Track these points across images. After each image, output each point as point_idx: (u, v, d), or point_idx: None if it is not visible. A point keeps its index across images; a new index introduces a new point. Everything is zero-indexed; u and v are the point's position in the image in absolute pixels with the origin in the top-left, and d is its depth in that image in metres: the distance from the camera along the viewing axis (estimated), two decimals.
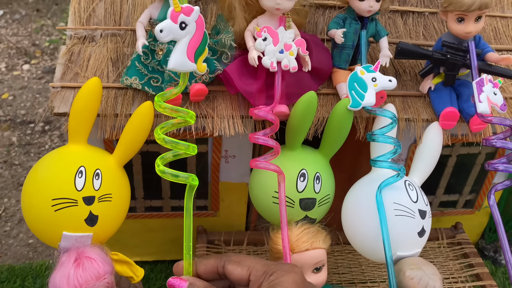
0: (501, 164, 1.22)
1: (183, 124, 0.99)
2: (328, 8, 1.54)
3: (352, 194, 1.29)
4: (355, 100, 1.22)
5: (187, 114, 0.98)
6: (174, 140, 0.97)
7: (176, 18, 0.85)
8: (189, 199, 1.02)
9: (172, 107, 0.98)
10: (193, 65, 0.90)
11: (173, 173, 0.95)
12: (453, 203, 1.83)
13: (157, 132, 0.96)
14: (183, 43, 0.87)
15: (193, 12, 0.86)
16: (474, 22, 1.28)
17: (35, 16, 3.50)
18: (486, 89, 1.22)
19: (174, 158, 1.00)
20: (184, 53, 0.88)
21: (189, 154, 1.01)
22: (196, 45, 0.88)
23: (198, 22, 0.88)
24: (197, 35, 0.88)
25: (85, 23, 1.42)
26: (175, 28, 0.85)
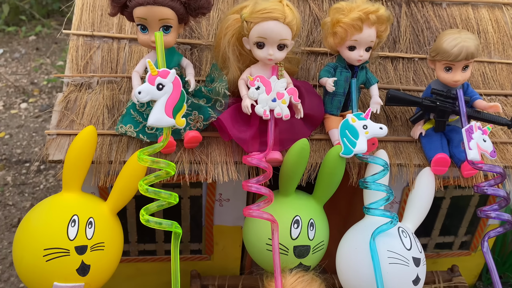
0: (493, 211, 1.23)
1: (165, 176, 1.07)
2: (320, 54, 1.58)
3: (346, 241, 1.29)
4: (347, 147, 1.24)
5: (168, 165, 1.06)
6: (157, 190, 1.06)
7: (153, 81, 0.97)
8: (175, 246, 1.08)
9: (153, 159, 1.05)
10: (172, 120, 0.99)
11: (157, 221, 1.05)
12: (448, 244, 1.82)
13: (140, 184, 1.04)
14: (161, 102, 0.98)
15: (169, 75, 0.98)
16: (461, 71, 1.31)
17: (35, 55, 3.57)
18: (475, 136, 1.24)
19: (158, 208, 1.09)
20: (162, 110, 0.98)
21: (172, 203, 1.09)
22: (174, 102, 0.98)
23: (174, 83, 0.99)
24: (174, 94, 0.99)
25: (82, 70, 1.45)
26: (152, 89, 0.96)
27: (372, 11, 1.26)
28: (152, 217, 1.06)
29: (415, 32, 1.66)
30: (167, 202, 1.08)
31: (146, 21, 1.20)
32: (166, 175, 1.07)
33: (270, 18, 1.20)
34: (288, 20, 1.21)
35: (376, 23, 1.28)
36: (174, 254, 1.09)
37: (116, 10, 1.21)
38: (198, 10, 1.22)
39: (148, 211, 1.06)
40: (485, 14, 1.74)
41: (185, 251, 1.67)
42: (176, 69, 1.30)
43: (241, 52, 1.32)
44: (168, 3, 1.17)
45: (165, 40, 1.23)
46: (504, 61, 1.67)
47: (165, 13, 1.18)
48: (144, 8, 1.17)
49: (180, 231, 1.08)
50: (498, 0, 1.76)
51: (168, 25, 1.21)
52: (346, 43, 1.30)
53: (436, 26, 1.67)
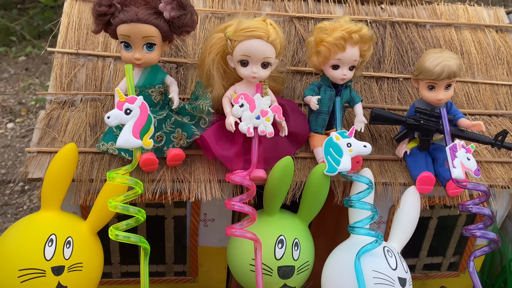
0: (478, 230, 1.22)
1: (133, 196, 1.11)
2: (305, 74, 1.59)
3: (331, 261, 1.27)
4: (331, 166, 1.23)
5: (136, 183, 1.11)
6: (125, 206, 1.10)
7: (121, 107, 1.05)
8: (144, 263, 1.14)
9: (123, 177, 1.08)
10: (139, 141, 1.07)
11: (126, 235, 1.10)
12: (437, 265, 1.80)
13: (109, 202, 1.09)
14: (128, 125, 1.06)
15: (136, 100, 1.07)
16: (444, 89, 1.32)
17: (24, 75, 3.56)
18: (459, 154, 1.24)
19: (127, 227, 1.12)
20: (129, 133, 1.06)
21: (140, 220, 1.12)
22: (141, 125, 1.07)
23: (141, 108, 1.07)
24: (141, 117, 1.07)
25: (66, 88, 1.44)
26: (120, 114, 1.05)
27: (355, 30, 1.27)
28: (121, 232, 1.10)
29: (400, 52, 1.68)
30: (135, 220, 1.12)
31: (129, 38, 1.20)
32: (134, 195, 1.11)
33: (253, 36, 1.21)
34: (271, 38, 1.22)
35: (359, 42, 1.29)
36: (143, 271, 1.13)
37: (100, 27, 1.21)
38: (182, 28, 1.23)
39: (117, 228, 1.11)
40: (468, 36, 1.77)
41: (169, 272, 1.63)
42: (160, 87, 1.30)
43: (226, 70, 1.32)
44: (152, 21, 1.18)
45: (148, 57, 1.23)
46: (488, 82, 1.69)
47: (149, 30, 1.19)
48: (127, 26, 1.17)
49: (148, 247, 1.13)
50: (480, 23, 1.80)
51: (151, 42, 1.21)
52: (330, 62, 1.31)
53: (420, 47, 1.70)
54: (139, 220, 1.11)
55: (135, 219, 1.11)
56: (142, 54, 1.22)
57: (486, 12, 1.84)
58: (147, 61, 1.23)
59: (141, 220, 1.11)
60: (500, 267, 1.82)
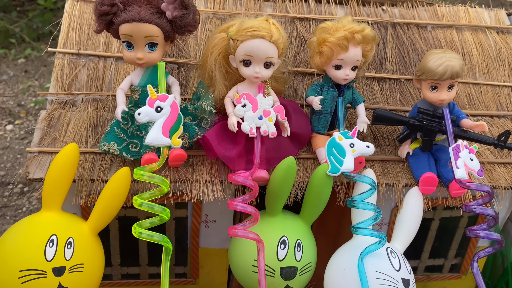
0: (482, 230, 1.21)
1: (159, 195, 1.11)
2: (307, 75, 1.58)
3: (333, 262, 1.26)
4: (334, 166, 1.22)
5: (162, 181, 1.09)
6: (151, 203, 1.10)
7: (153, 104, 1.06)
8: (166, 262, 1.14)
9: (150, 175, 1.07)
10: (168, 140, 1.07)
11: (149, 233, 1.09)
12: (439, 267, 1.79)
13: (135, 199, 1.08)
14: (159, 123, 1.06)
15: (167, 99, 1.08)
16: (447, 90, 1.32)
17: (23, 77, 3.55)
18: (462, 155, 1.24)
19: (151, 225, 1.12)
20: (159, 131, 1.06)
21: (164, 219, 1.11)
22: (171, 124, 1.07)
23: (172, 106, 1.08)
24: (172, 116, 1.07)
25: (67, 88, 1.44)
26: (151, 111, 1.06)
27: (357, 30, 1.27)
28: (145, 230, 1.10)
29: (401, 53, 1.68)
30: (159, 219, 1.11)
31: (131, 38, 1.19)
32: (160, 193, 1.12)
33: (256, 36, 1.20)
34: (274, 38, 1.22)
35: (362, 42, 1.29)
36: (164, 270, 1.13)
37: (102, 27, 1.21)
38: (185, 28, 1.22)
39: (140, 226, 1.10)
40: (469, 37, 1.77)
41: (170, 274, 1.60)
42: None
43: (228, 70, 1.32)
44: (154, 21, 1.17)
45: (150, 57, 1.23)
46: (489, 83, 1.69)
47: (151, 30, 1.18)
48: (130, 25, 1.17)
49: (171, 247, 1.13)
50: (481, 24, 1.80)
51: (154, 42, 1.21)
52: (332, 62, 1.31)
53: (422, 48, 1.70)
54: (163, 219, 1.11)
55: (159, 217, 1.11)
56: (144, 54, 1.21)
57: (487, 14, 1.84)
58: (149, 61, 1.23)
59: (165, 219, 1.11)
60: (501, 269, 1.81)
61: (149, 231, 1.10)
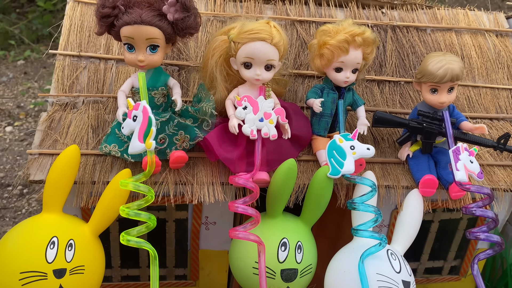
0: (482, 233, 1.22)
1: (145, 204, 1.12)
2: (307, 77, 1.59)
3: (334, 264, 1.26)
4: (335, 168, 1.23)
5: (148, 190, 1.12)
6: (137, 211, 1.11)
7: (131, 115, 1.08)
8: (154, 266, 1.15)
9: (135, 184, 1.10)
10: (142, 145, 1.07)
11: (138, 240, 1.10)
12: (438, 269, 1.79)
13: (122, 209, 1.10)
14: (136, 132, 1.08)
15: (139, 105, 1.08)
16: (447, 92, 1.33)
17: (22, 79, 3.54)
18: (462, 157, 1.24)
19: (138, 233, 1.12)
20: (136, 139, 1.07)
21: (150, 226, 1.13)
22: (144, 129, 1.08)
23: (143, 111, 1.08)
24: (144, 121, 1.08)
25: (67, 90, 1.44)
26: (130, 122, 1.08)
27: (358, 33, 1.28)
28: (132, 237, 1.10)
29: (401, 56, 1.69)
30: (145, 228, 1.12)
31: (133, 40, 1.20)
32: (146, 203, 1.13)
33: (257, 38, 1.21)
34: (275, 41, 1.22)
35: (362, 45, 1.29)
36: (153, 276, 1.15)
37: (103, 29, 1.21)
38: (186, 30, 1.22)
39: (128, 234, 1.11)
40: (468, 40, 1.77)
41: (170, 276, 1.62)
42: (163, 89, 1.29)
43: (229, 72, 1.32)
44: (156, 23, 1.18)
45: (152, 59, 1.23)
46: (488, 85, 1.70)
47: (152, 32, 1.18)
48: (131, 27, 1.17)
49: (156, 254, 1.15)
50: (480, 27, 1.81)
51: (155, 44, 1.21)
52: (333, 65, 1.31)
53: (421, 50, 1.70)
54: (149, 227, 1.11)
55: (146, 225, 1.11)
56: (145, 56, 1.21)
57: (486, 17, 1.85)
58: (151, 63, 1.23)
59: (151, 226, 1.11)
60: (501, 271, 1.82)
61: (136, 238, 1.10)
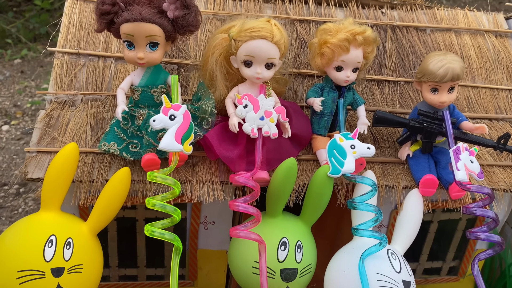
0: (482, 232, 1.22)
1: (171, 197, 1.15)
2: (307, 76, 1.58)
3: (334, 264, 1.25)
4: (335, 167, 1.22)
5: (175, 183, 1.14)
6: (163, 203, 1.13)
7: (167, 112, 1.12)
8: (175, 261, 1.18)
9: (163, 176, 1.12)
10: (180, 146, 1.12)
11: (161, 232, 1.13)
12: (437, 270, 1.79)
13: (148, 201, 1.12)
14: (172, 130, 1.12)
15: (180, 108, 1.14)
16: (447, 92, 1.32)
17: (19, 78, 3.52)
18: (463, 157, 1.24)
19: (163, 226, 1.15)
20: (172, 137, 1.11)
21: (176, 220, 1.15)
22: (183, 131, 1.12)
23: (185, 115, 1.13)
24: (184, 124, 1.13)
25: (66, 88, 1.43)
26: (165, 119, 1.11)
27: (359, 32, 1.27)
28: (157, 228, 1.13)
29: (401, 56, 1.69)
30: (170, 222, 1.15)
31: (133, 37, 1.19)
32: (172, 196, 1.15)
33: (258, 36, 1.20)
34: (276, 39, 1.22)
35: (363, 44, 1.29)
36: (174, 269, 1.17)
37: (103, 26, 1.20)
38: (186, 28, 1.22)
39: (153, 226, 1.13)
40: (467, 41, 1.78)
41: (168, 276, 1.60)
42: (162, 87, 1.28)
43: (229, 70, 1.31)
44: (156, 20, 1.17)
45: (151, 57, 1.22)
46: (488, 86, 1.70)
47: (152, 29, 1.18)
48: (131, 25, 1.16)
49: (181, 246, 1.17)
50: (479, 28, 1.81)
51: (155, 42, 1.20)
52: (334, 64, 1.31)
53: (421, 50, 1.70)
54: (174, 220, 1.14)
55: (171, 219, 1.14)
56: (145, 54, 1.21)
57: (485, 18, 1.85)
58: (150, 61, 1.22)
59: (176, 220, 1.14)
60: (499, 271, 1.82)
61: (160, 229, 1.13)
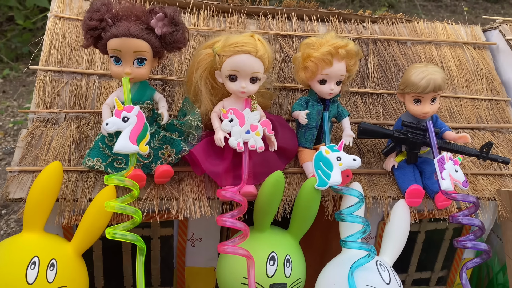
0: (469, 241, 1.22)
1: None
2: (292, 90, 1.59)
3: (323, 277, 1.24)
4: (322, 179, 1.22)
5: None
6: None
7: (119, 115, 1.12)
8: (140, 262, 1.15)
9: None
10: (135, 147, 1.13)
11: (123, 233, 1.12)
12: (425, 280, 1.79)
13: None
14: (126, 132, 1.13)
15: (133, 109, 1.15)
16: (430, 103, 1.34)
17: (1, 98, 3.47)
18: (447, 166, 1.26)
19: (125, 229, 1.13)
20: (127, 139, 1.12)
21: (137, 221, 1.14)
22: (138, 132, 1.13)
23: (138, 116, 1.14)
24: (138, 124, 1.14)
25: (49, 106, 1.41)
26: (118, 121, 1.13)
27: (341, 45, 1.29)
28: (118, 230, 1.12)
29: (383, 69, 1.71)
30: (131, 223, 1.15)
31: (120, 52, 1.18)
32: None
33: (242, 51, 1.21)
34: (260, 53, 1.22)
35: (345, 57, 1.31)
36: (139, 271, 1.15)
37: (90, 41, 1.20)
38: (174, 44, 1.22)
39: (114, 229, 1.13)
40: (447, 52, 1.81)
41: None
42: (148, 103, 1.28)
43: (214, 85, 1.31)
44: (144, 36, 1.17)
45: (138, 72, 1.22)
46: (468, 96, 1.73)
47: (140, 45, 1.18)
48: (119, 40, 1.16)
49: (145, 246, 1.16)
50: (458, 40, 1.85)
51: (142, 57, 1.20)
52: (317, 77, 1.32)
53: (403, 63, 1.73)
54: (135, 222, 1.14)
55: (132, 221, 1.14)
56: (132, 69, 1.20)
57: (463, 30, 1.90)
58: (137, 76, 1.22)
59: (137, 221, 1.14)
60: (487, 280, 1.82)
61: (122, 231, 1.12)
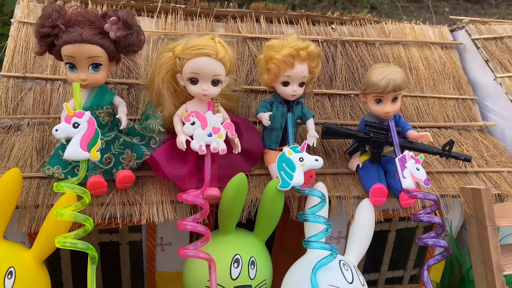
0: (430, 238, 1.23)
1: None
2: (260, 92, 1.60)
3: (288, 278, 1.24)
4: (284, 180, 1.23)
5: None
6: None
7: (70, 120, 1.10)
8: (92, 271, 1.12)
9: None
10: (86, 153, 1.10)
11: (72, 242, 1.09)
12: (398, 279, 1.80)
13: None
14: (76, 138, 1.10)
15: (84, 115, 1.11)
16: (391, 102, 1.36)
17: None
18: (409, 165, 1.27)
19: (76, 237, 1.11)
20: (77, 145, 1.09)
21: (88, 229, 1.11)
22: (89, 138, 1.11)
23: (89, 122, 1.12)
24: (89, 131, 1.11)
25: (11, 112, 1.39)
26: (68, 127, 1.09)
27: (302, 47, 1.30)
28: (68, 239, 1.10)
29: (350, 70, 1.72)
30: (83, 231, 1.12)
31: (74, 59, 1.18)
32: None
33: (202, 54, 1.21)
34: (220, 56, 1.23)
35: (307, 59, 1.31)
36: (90, 280, 1.12)
37: (44, 49, 1.19)
38: (129, 48, 1.22)
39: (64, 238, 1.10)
40: (415, 53, 1.83)
41: None
42: (108, 108, 1.27)
43: (176, 89, 1.31)
44: (97, 41, 1.16)
45: (94, 78, 1.21)
46: (436, 96, 1.75)
47: (94, 51, 1.17)
48: (72, 46, 1.15)
49: (96, 255, 1.13)
50: (426, 40, 1.87)
51: (97, 62, 1.19)
52: (280, 79, 1.33)
53: (370, 64, 1.75)
54: (87, 230, 1.11)
55: (83, 228, 1.12)
56: (87, 75, 1.20)
57: (431, 30, 1.92)
58: (93, 82, 1.21)
59: (89, 229, 1.11)
60: (459, 277, 1.84)
61: (72, 239, 1.10)
